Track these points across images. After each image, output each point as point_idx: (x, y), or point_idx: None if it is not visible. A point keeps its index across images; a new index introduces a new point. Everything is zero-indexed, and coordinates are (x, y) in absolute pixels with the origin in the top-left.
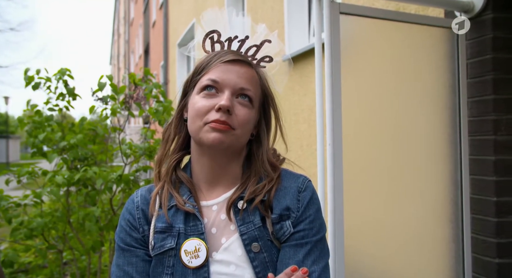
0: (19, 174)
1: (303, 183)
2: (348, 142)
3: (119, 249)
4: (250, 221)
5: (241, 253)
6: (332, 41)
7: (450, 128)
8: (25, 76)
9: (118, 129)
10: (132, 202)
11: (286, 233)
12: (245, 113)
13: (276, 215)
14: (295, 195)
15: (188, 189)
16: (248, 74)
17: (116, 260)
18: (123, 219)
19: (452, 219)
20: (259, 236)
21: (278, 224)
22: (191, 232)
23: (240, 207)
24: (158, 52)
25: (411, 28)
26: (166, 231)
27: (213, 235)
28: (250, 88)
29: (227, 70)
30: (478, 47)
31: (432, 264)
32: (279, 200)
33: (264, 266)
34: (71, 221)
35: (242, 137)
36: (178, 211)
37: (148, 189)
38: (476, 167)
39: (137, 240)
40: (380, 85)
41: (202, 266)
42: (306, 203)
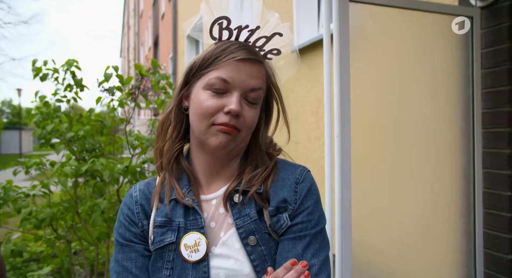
0: (27, 165)
1: (301, 174)
2: (357, 134)
3: (118, 244)
4: (246, 214)
5: (239, 247)
6: (341, 30)
7: (463, 120)
8: (33, 67)
9: (125, 120)
10: (130, 197)
11: (283, 226)
12: (252, 115)
13: (272, 207)
14: (293, 186)
15: (188, 181)
16: (258, 73)
17: (115, 255)
18: (121, 214)
19: (464, 214)
20: (255, 229)
21: (275, 217)
22: (190, 226)
23: (236, 200)
24: (167, 44)
25: (424, 16)
26: (165, 225)
27: (212, 229)
28: (259, 86)
29: (238, 69)
30: (494, 36)
31: (442, 260)
32: (276, 192)
33: (262, 260)
34: (79, 211)
35: (246, 137)
36: (177, 204)
37: (147, 183)
38: (489, 160)
39: (136, 235)
40: (391, 76)
41: (202, 260)
42: (304, 194)
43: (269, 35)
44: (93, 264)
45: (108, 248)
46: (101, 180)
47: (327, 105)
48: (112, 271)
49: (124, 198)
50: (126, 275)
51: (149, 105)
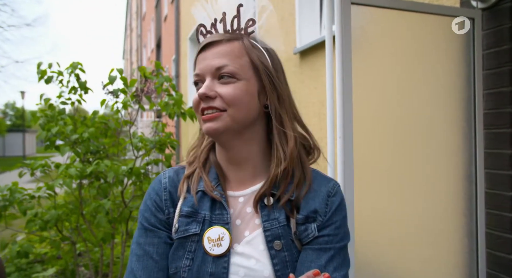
0: (32, 167)
1: (333, 188)
2: (359, 135)
3: (142, 228)
4: (275, 218)
5: (262, 249)
6: (343, 32)
7: (464, 121)
8: (38, 70)
9: (129, 122)
10: (159, 183)
11: (310, 236)
12: (228, 90)
13: (302, 216)
14: (324, 199)
15: (217, 175)
16: (224, 50)
17: (138, 238)
18: (149, 198)
19: (466, 214)
20: (282, 234)
21: (303, 225)
22: (216, 220)
23: (267, 203)
24: (170, 46)
25: (425, 18)
26: (191, 216)
27: (237, 227)
28: (228, 63)
29: (203, 58)
30: (495, 38)
31: (444, 260)
32: (307, 202)
33: (284, 265)
34: (84, 213)
35: (239, 114)
36: (205, 196)
37: (176, 171)
38: (491, 161)
39: (162, 221)
40: (392, 77)
41: (223, 255)
42: (335, 208)
43: (236, 13)
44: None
45: (112, 249)
46: (105, 181)
47: (330, 107)
48: (133, 253)
49: (152, 183)
50: (147, 259)
51: (153, 107)
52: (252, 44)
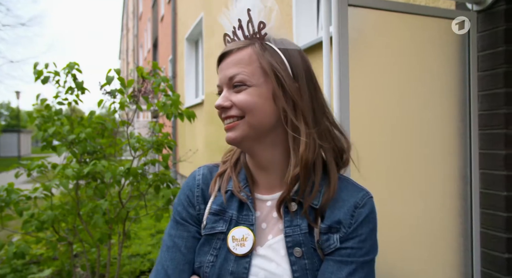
0: (29, 168)
1: (362, 199)
2: (356, 136)
3: (174, 220)
4: (297, 225)
5: (283, 254)
6: (340, 34)
7: (460, 121)
8: (35, 70)
9: (126, 123)
10: (193, 179)
11: (331, 247)
12: (239, 97)
13: (325, 225)
14: (351, 210)
15: (246, 176)
16: (235, 60)
17: (169, 230)
18: (183, 193)
19: (461, 214)
20: (303, 242)
21: (326, 235)
22: (242, 221)
23: (290, 209)
24: (167, 46)
25: (421, 20)
26: (219, 214)
27: (262, 230)
28: (238, 72)
29: (220, 69)
30: (490, 40)
31: (440, 259)
32: (332, 211)
33: (304, 273)
34: (80, 213)
35: (255, 120)
36: (233, 196)
37: (210, 168)
38: (486, 161)
39: (192, 216)
40: (389, 78)
41: (246, 255)
42: (361, 221)
43: (248, 18)
44: (95, 266)
45: (109, 249)
46: (102, 182)
47: None
48: (164, 243)
49: (188, 177)
50: (175, 251)
51: (150, 107)
52: (263, 48)
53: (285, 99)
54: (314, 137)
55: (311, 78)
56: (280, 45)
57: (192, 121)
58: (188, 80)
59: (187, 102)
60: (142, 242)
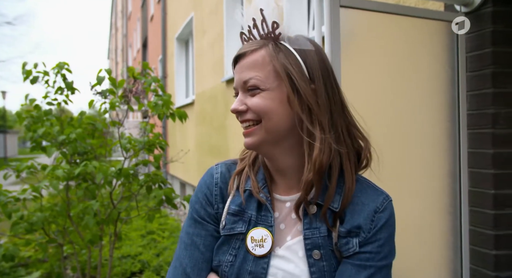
0: (18, 169)
1: (382, 204)
2: None
3: (192, 218)
4: (317, 228)
5: (302, 255)
6: (332, 34)
7: (449, 121)
8: (23, 70)
9: (117, 123)
10: (211, 177)
11: (350, 251)
12: (254, 101)
13: (345, 229)
14: (371, 214)
15: (264, 176)
16: (249, 63)
17: (187, 228)
18: (200, 191)
19: (451, 212)
20: (322, 244)
21: (345, 239)
22: (260, 221)
23: (309, 211)
24: (156, 46)
25: (411, 21)
26: (238, 215)
27: (281, 231)
28: (252, 76)
29: (235, 72)
30: (478, 41)
31: (430, 256)
32: (352, 215)
33: (321, 274)
34: (71, 215)
35: (270, 123)
36: (252, 196)
37: (228, 166)
38: (474, 160)
39: (210, 215)
40: (379, 79)
41: (264, 256)
42: (380, 226)
43: (262, 17)
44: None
45: (100, 251)
46: (93, 183)
47: None
48: (182, 241)
49: (204, 175)
50: (193, 249)
51: (141, 108)
52: (277, 49)
53: (300, 103)
54: (329, 141)
55: (329, 78)
56: (295, 44)
57: (184, 122)
58: (178, 80)
59: (177, 102)
60: (133, 243)
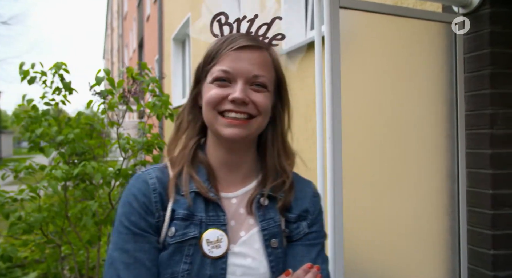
0: (16, 169)
1: (314, 189)
2: (347, 136)
3: (129, 233)
4: (271, 218)
5: (258, 247)
6: (332, 35)
7: (447, 122)
8: (20, 70)
9: (116, 123)
10: (146, 184)
11: (301, 233)
12: (262, 98)
13: (295, 215)
14: (311, 199)
15: (207, 175)
16: (260, 59)
17: (123, 245)
18: (135, 200)
19: (449, 212)
20: (277, 232)
21: (295, 224)
22: (211, 222)
23: (262, 203)
24: (153, 46)
25: (409, 22)
26: (188, 219)
27: (232, 228)
28: (264, 74)
29: (238, 58)
30: (476, 42)
31: (429, 256)
32: (297, 202)
33: (278, 261)
34: (69, 215)
35: (263, 123)
36: (197, 198)
37: (161, 171)
38: (472, 160)
39: (151, 225)
40: (379, 79)
41: (222, 256)
42: (319, 208)
43: (269, 21)
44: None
45: (98, 251)
46: (91, 183)
47: (319, 107)
48: (119, 261)
49: (135, 183)
50: (139, 267)
51: (140, 108)
52: (277, 58)
53: (286, 111)
54: (279, 143)
55: None
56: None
57: None
58: (175, 81)
59: (174, 102)
60: None
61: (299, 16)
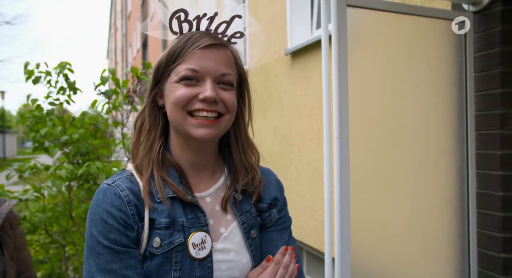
0: (21, 169)
1: (276, 176)
2: (354, 136)
3: (111, 252)
4: (247, 211)
5: (239, 240)
6: (339, 34)
7: (456, 122)
8: (25, 70)
9: (120, 123)
10: (118, 197)
11: (273, 220)
12: (230, 96)
13: (266, 204)
14: (276, 186)
15: (179, 178)
16: (226, 57)
17: (107, 265)
18: (110, 217)
19: (458, 214)
20: (255, 224)
21: (267, 212)
22: (192, 225)
23: (237, 198)
24: (157, 45)
25: (418, 20)
26: (170, 226)
27: (211, 226)
28: (230, 72)
29: (205, 56)
30: (486, 41)
31: (438, 259)
32: (265, 191)
33: (257, 251)
34: (73, 215)
35: (230, 121)
36: (174, 202)
37: (130, 180)
38: (482, 161)
39: (132, 239)
40: (386, 79)
41: (208, 256)
42: (283, 193)
43: (228, 19)
44: None
45: None
46: (95, 183)
47: (326, 107)
48: None
49: (104, 198)
50: None
51: None
52: (236, 55)
53: (247, 107)
54: (243, 140)
55: None
56: (237, 52)
57: None
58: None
59: None
60: None
61: (304, 15)
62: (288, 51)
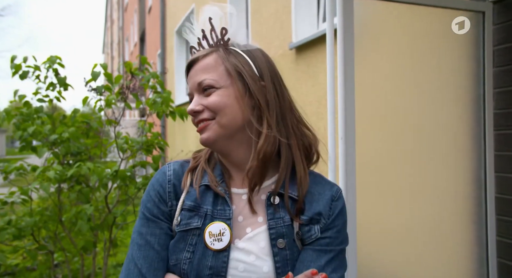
0: (6, 170)
1: (337, 193)
2: (361, 136)
3: (144, 218)
4: (280, 218)
5: (264, 246)
6: (345, 27)
7: (473, 121)
8: (12, 64)
9: (113, 122)
10: (163, 175)
11: (312, 237)
12: (210, 99)
13: (306, 217)
14: (328, 202)
15: (221, 171)
16: (201, 66)
17: (139, 228)
18: (152, 189)
19: (475, 221)
20: (286, 233)
21: (307, 227)
22: (217, 215)
23: (273, 202)
24: (155, 39)
25: (431, 11)
26: (193, 210)
27: (239, 223)
28: (206, 76)
29: (189, 77)
30: (507, 32)
31: (452, 269)
32: (311, 204)
33: (284, 263)
34: (62, 220)
35: (225, 119)
36: (207, 191)
37: (181, 164)
38: (501, 163)
39: (164, 213)
40: (397, 75)
41: (224, 250)
42: (337, 212)
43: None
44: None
45: (94, 258)
46: (87, 185)
47: (331, 104)
48: (134, 242)
49: (156, 174)
50: (148, 249)
51: (139, 106)
52: (227, 52)
53: (250, 99)
54: (275, 133)
55: (276, 77)
56: (244, 48)
57: (185, 120)
58: (179, 76)
59: (177, 100)
60: None
61: (310, 6)
62: (293, 46)
